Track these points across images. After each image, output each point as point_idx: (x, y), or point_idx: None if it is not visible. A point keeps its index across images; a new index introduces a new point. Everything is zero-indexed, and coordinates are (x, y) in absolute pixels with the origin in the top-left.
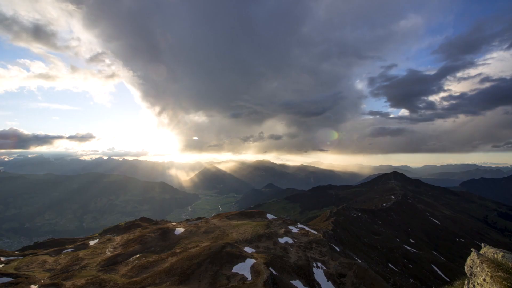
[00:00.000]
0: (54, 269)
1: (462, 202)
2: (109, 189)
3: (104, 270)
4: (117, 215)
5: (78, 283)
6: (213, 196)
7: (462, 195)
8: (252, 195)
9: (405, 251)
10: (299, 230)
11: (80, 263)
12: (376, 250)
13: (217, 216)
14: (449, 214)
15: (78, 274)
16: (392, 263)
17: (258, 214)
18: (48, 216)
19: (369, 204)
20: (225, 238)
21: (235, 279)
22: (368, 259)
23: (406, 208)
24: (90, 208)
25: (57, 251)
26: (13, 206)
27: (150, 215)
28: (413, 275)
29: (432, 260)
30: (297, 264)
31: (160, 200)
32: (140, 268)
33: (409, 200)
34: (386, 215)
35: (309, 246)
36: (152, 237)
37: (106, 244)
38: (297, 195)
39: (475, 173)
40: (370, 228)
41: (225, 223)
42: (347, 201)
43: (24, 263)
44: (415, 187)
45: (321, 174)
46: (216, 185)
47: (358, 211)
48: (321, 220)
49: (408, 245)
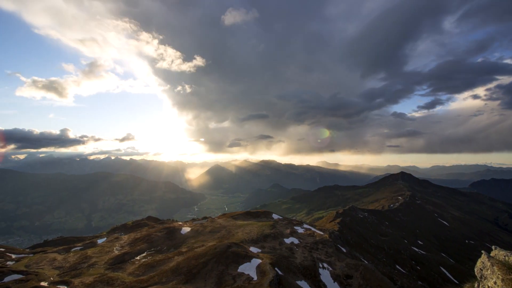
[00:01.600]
0: (63, 267)
1: (472, 203)
2: (116, 188)
3: (111, 268)
4: (125, 214)
5: (86, 281)
6: (219, 196)
7: (471, 196)
8: (258, 195)
9: (413, 253)
10: (305, 231)
11: (88, 261)
12: (383, 252)
13: (223, 215)
14: (458, 215)
15: (87, 272)
16: (399, 265)
17: (264, 214)
18: (57, 214)
19: (376, 205)
20: (230, 238)
21: (241, 278)
22: (375, 261)
23: (414, 209)
24: (98, 207)
25: (66, 249)
26: (23, 204)
27: (157, 214)
28: (421, 277)
29: (440, 262)
30: (303, 265)
31: (167, 200)
32: (147, 266)
33: (417, 201)
34: (393, 216)
35: (315, 247)
36: (158, 236)
37: (114, 242)
38: (303, 196)
39: (485, 173)
40: (377, 229)
41: (231, 223)
42: (353, 201)
43: (34, 261)
44: (423, 188)
45: (327, 174)
46: (222, 185)
47: (365, 212)
48: (327, 220)
49: (416, 247)
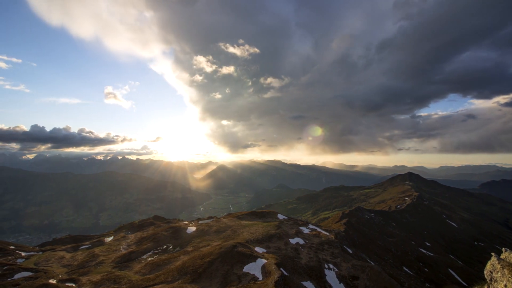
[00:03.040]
0: (71, 265)
1: (481, 205)
2: (123, 188)
3: (118, 266)
4: (131, 213)
5: (94, 279)
6: (224, 195)
7: (481, 197)
8: (263, 195)
9: (420, 254)
10: (311, 231)
11: (96, 259)
12: (390, 253)
13: (228, 215)
14: (467, 217)
15: (94, 270)
16: (407, 267)
17: (269, 214)
18: (65, 213)
19: (383, 205)
20: (236, 238)
21: (246, 278)
22: (381, 262)
23: (422, 210)
24: (106, 206)
25: (74, 247)
26: (33, 203)
27: (163, 213)
28: (429, 279)
29: (449, 264)
30: (309, 265)
31: (172, 199)
32: (153, 265)
33: (425, 202)
34: (400, 217)
35: (320, 248)
36: (164, 236)
37: (121, 241)
38: (309, 196)
39: (495, 174)
40: (384, 230)
41: (236, 222)
42: (359, 202)
43: (43, 259)
44: (431, 189)
45: (333, 175)
46: (228, 184)
47: (371, 212)
48: (333, 221)
49: (424, 248)
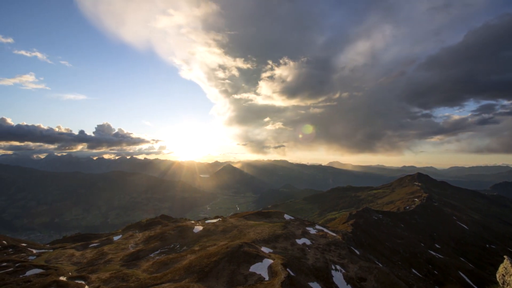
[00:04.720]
0: (81, 263)
1: (493, 206)
2: (131, 187)
3: (126, 265)
4: (139, 212)
5: (102, 277)
6: (231, 195)
7: (493, 198)
8: (270, 195)
9: (429, 257)
10: (317, 232)
11: (105, 257)
12: (399, 255)
13: (234, 215)
14: (479, 218)
15: (103, 268)
16: (415, 269)
17: (276, 214)
18: (75, 211)
19: (391, 206)
20: (242, 238)
21: (253, 278)
22: (390, 264)
23: (431, 211)
24: (114, 205)
25: (83, 245)
26: (44, 202)
27: (170, 213)
28: (439, 282)
29: (459, 266)
30: (315, 266)
31: (180, 199)
32: (161, 264)
33: (435, 203)
34: (409, 218)
35: (327, 248)
36: (172, 235)
37: (129, 240)
38: (316, 196)
39: (507, 175)
40: (392, 232)
41: (242, 222)
42: (367, 203)
43: (53, 256)
44: (441, 190)
45: (340, 175)
46: (234, 184)
47: (379, 213)
48: (340, 222)
49: (433, 250)
